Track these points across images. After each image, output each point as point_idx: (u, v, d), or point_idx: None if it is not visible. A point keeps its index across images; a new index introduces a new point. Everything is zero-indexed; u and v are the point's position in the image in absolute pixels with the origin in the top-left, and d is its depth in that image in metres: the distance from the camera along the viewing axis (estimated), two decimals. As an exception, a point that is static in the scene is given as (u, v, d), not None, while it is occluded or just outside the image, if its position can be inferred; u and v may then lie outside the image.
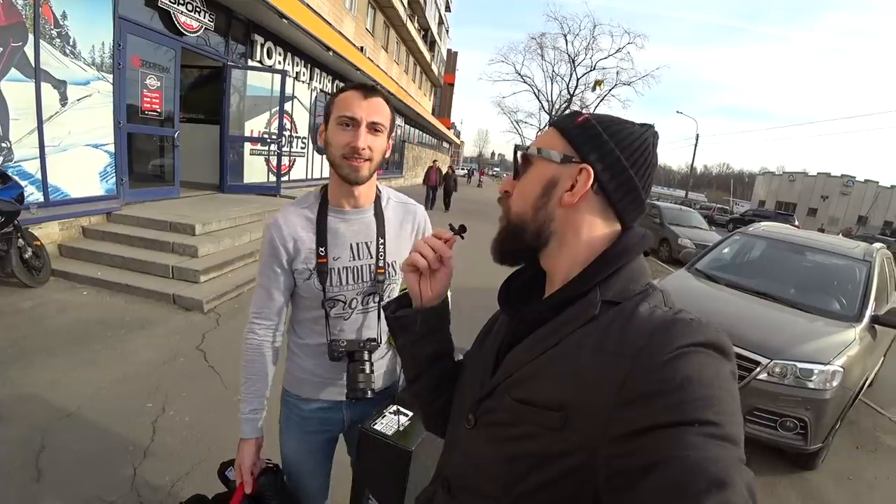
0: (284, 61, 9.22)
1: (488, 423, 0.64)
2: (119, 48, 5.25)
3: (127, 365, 3.04)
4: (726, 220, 28.04)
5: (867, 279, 3.65)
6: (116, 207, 5.31)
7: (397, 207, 1.27)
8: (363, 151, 1.08)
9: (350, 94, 1.09)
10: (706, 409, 0.45)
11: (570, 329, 0.59)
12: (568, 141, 0.65)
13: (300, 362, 1.25)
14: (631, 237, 0.64)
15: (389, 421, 1.16)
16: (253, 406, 1.19)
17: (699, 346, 0.49)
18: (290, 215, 1.17)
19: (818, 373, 2.77)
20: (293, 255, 1.15)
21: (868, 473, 3.12)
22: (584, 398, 0.53)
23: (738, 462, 0.43)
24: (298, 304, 1.23)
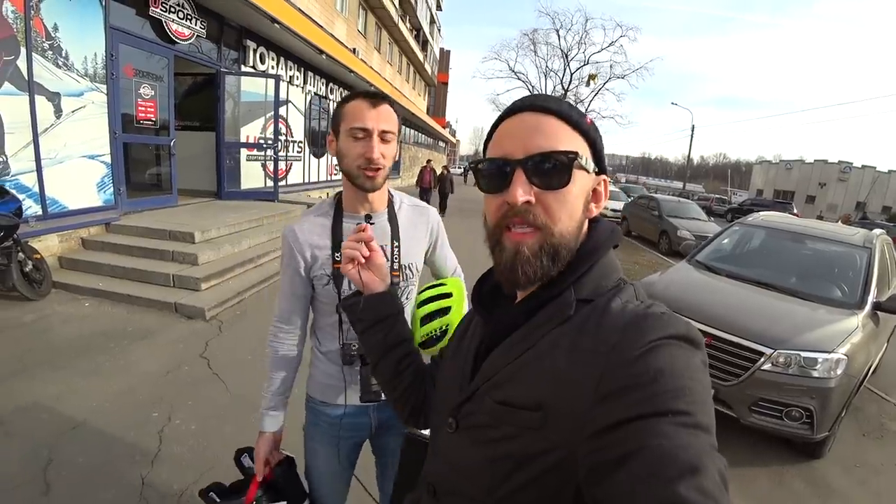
0: (277, 66, 9.21)
1: (469, 426, 0.64)
2: (112, 58, 5.24)
3: (131, 375, 3.04)
4: (724, 211, 28.05)
5: (868, 266, 3.65)
6: (115, 218, 5.31)
7: (410, 210, 1.28)
8: (378, 160, 1.09)
9: (358, 104, 1.10)
10: (678, 399, 0.46)
11: (546, 330, 0.59)
12: (590, 146, 0.62)
13: (324, 368, 1.27)
14: (600, 233, 0.64)
15: None
16: (272, 404, 1.25)
17: (670, 339, 0.50)
18: (305, 223, 1.20)
19: (822, 361, 2.77)
20: (311, 261, 1.18)
21: (874, 459, 3.13)
22: (562, 397, 0.53)
23: (711, 448, 0.44)
24: (318, 310, 1.25)
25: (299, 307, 1.23)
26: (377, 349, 0.84)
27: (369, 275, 0.84)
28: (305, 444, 1.34)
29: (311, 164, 11.65)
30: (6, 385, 2.78)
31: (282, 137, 9.07)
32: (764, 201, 28.90)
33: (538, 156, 0.58)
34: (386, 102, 1.12)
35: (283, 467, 1.27)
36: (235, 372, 3.21)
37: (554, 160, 0.58)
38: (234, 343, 3.67)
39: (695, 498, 0.39)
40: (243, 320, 4.16)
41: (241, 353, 3.51)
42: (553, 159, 0.58)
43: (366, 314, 0.84)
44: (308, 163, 11.46)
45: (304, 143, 11.00)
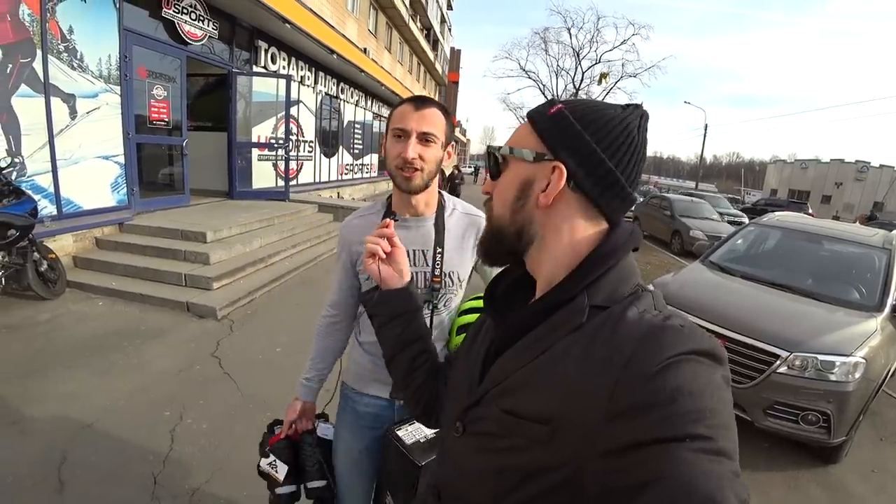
0: (289, 66, 9.26)
1: (476, 432, 0.63)
2: (125, 60, 5.30)
3: (143, 374, 3.07)
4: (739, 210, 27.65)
5: (888, 267, 3.57)
6: (128, 217, 5.37)
7: (461, 218, 1.29)
8: (414, 161, 1.11)
9: (404, 108, 1.13)
10: (698, 422, 0.43)
11: (558, 336, 0.57)
12: (540, 136, 0.61)
13: (359, 358, 1.32)
14: (617, 237, 0.60)
15: (417, 429, 1.15)
16: (309, 375, 1.35)
17: (690, 355, 0.47)
18: (356, 220, 1.29)
19: (840, 365, 2.72)
20: (355, 257, 1.24)
21: (893, 465, 3.05)
22: (572, 410, 0.51)
23: (732, 476, 0.42)
24: None
25: (345, 296, 1.32)
26: (392, 345, 0.85)
27: (388, 270, 0.85)
28: (335, 429, 1.39)
29: (321, 164, 11.70)
30: (21, 384, 2.82)
31: (293, 137, 9.12)
32: (778, 201, 28.40)
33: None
34: (433, 106, 1.14)
35: (311, 437, 1.35)
36: (246, 371, 3.22)
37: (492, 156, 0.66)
38: (245, 342, 3.69)
39: None
40: (254, 320, 4.18)
41: (252, 352, 3.53)
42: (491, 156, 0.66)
43: (381, 309, 0.85)
44: (319, 162, 11.51)
45: (314, 143, 11.05)
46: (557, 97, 24.90)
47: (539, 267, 0.64)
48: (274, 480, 1.29)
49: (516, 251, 0.64)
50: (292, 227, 6.78)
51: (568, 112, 0.59)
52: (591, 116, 0.58)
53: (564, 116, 0.59)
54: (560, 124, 0.59)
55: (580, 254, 0.60)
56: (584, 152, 0.58)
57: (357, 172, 14.45)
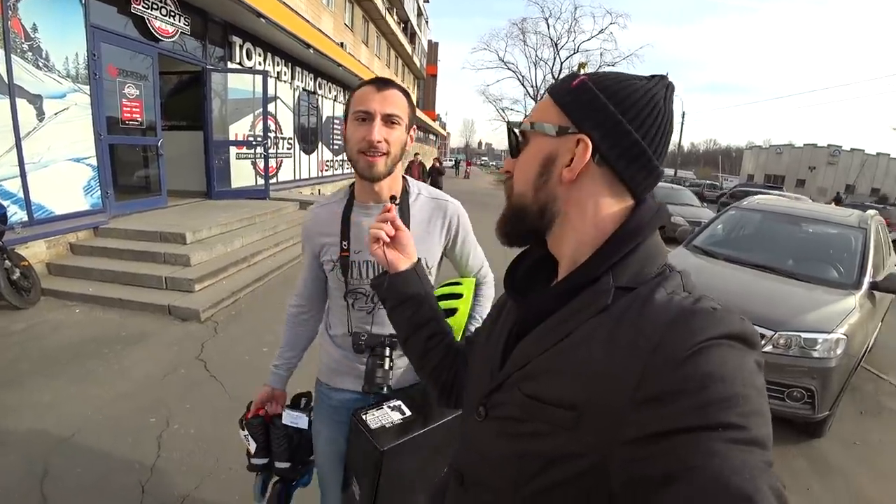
0: (265, 62, 9.08)
1: (498, 417, 0.61)
2: (94, 58, 5.12)
3: (126, 381, 2.99)
4: (716, 196, 28.18)
5: (864, 246, 3.67)
6: (103, 221, 5.21)
7: (427, 203, 1.25)
8: (379, 145, 1.07)
9: (365, 89, 1.09)
10: (730, 410, 0.41)
11: (582, 319, 0.54)
12: (562, 109, 0.59)
13: (330, 351, 1.30)
14: (643, 213, 0.58)
15: (383, 414, 1.13)
16: (277, 363, 1.36)
17: (721, 339, 0.45)
18: (319, 210, 1.25)
19: (822, 342, 2.78)
20: (319, 248, 1.22)
21: (874, 437, 3.15)
22: (598, 396, 0.49)
23: (765, 467, 0.40)
24: (330, 295, 1.29)
25: (312, 288, 1.31)
26: (404, 328, 0.84)
27: (394, 254, 0.84)
28: (313, 426, 1.36)
29: (301, 161, 11.53)
30: (-2, 395, 2.72)
31: (271, 134, 8.95)
32: (755, 186, 29.05)
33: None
34: (395, 88, 1.11)
35: (279, 421, 1.36)
36: (233, 373, 3.16)
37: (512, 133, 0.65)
38: (230, 344, 3.62)
39: None
40: (239, 320, 4.11)
41: (238, 353, 3.46)
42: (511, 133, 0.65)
43: (390, 293, 0.84)
44: (298, 159, 11.34)
45: (293, 140, 10.87)
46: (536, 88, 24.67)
47: (562, 246, 0.62)
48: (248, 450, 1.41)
49: (538, 230, 0.62)
50: (274, 225, 6.68)
51: (592, 84, 0.57)
52: (616, 87, 0.56)
53: (588, 88, 0.57)
54: (584, 96, 0.57)
55: (605, 232, 0.58)
56: (610, 124, 0.55)
57: (338, 169, 14.28)
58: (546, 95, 0.63)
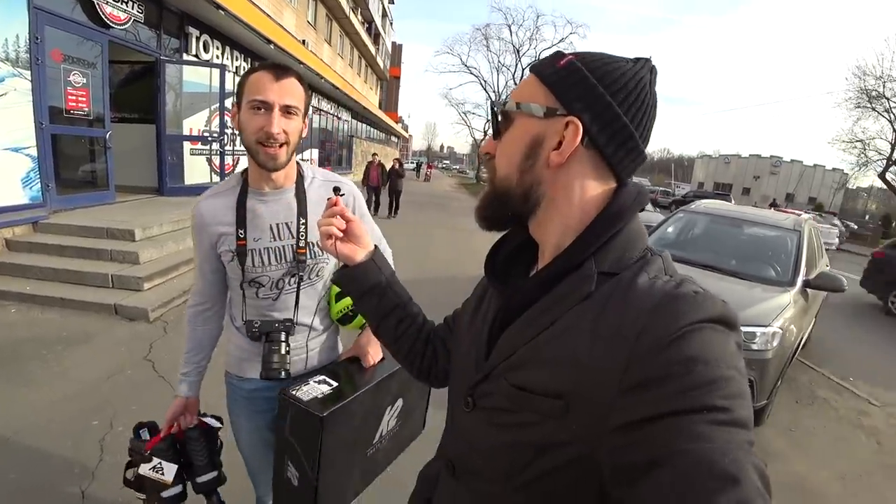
0: (223, 55, 8.81)
1: (487, 407, 0.61)
2: (36, 41, 4.81)
3: (68, 382, 2.83)
4: (668, 203, 29.41)
5: (798, 247, 3.93)
6: (43, 216, 4.90)
7: (323, 186, 1.25)
8: (278, 136, 1.06)
9: (260, 76, 1.06)
10: (713, 393, 0.42)
11: (565, 307, 0.54)
12: (550, 89, 0.56)
13: (237, 342, 1.28)
14: (626, 196, 0.57)
15: (311, 389, 1.14)
16: (186, 370, 1.29)
17: (704, 323, 0.46)
18: (211, 200, 1.19)
19: (760, 335, 2.96)
20: (215, 239, 1.17)
21: (808, 424, 3.39)
22: (584, 385, 0.49)
23: (748, 447, 0.41)
24: (230, 286, 1.26)
25: (212, 281, 1.25)
26: (372, 317, 0.83)
27: (349, 247, 0.80)
28: (230, 420, 1.35)
29: (261, 159, 11.21)
30: (-80, 399, 2.51)
31: (228, 131, 8.68)
32: (705, 193, 30.52)
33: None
34: (292, 76, 1.09)
35: (197, 431, 1.29)
36: (184, 373, 3.04)
37: (494, 113, 0.63)
38: (181, 344, 3.41)
39: None
40: (192, 320, 3.94)
41: (191, 353, 3.33)
42: (494, 113, 0.63)
43: (351, 287, 0.81)
44: (258, 157, 11.02)
45: (252, 137, 10.56)
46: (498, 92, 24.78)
47: (545, 231, 0.60)
48: (159, 484, 1.23)
49: (521, 214, 0.61)
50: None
51: (580, 64, 0.55)
52: (605, 69, 0.55)
53: (577, 69, 0.55)
54: (573, 77, 0.55)
55: (589, 216, 0.57)
56: (600, 106, 0.54)
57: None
58: (530, 74, 0.60)
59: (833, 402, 3.79)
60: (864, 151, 24.38)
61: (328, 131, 18.31)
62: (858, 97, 23.44)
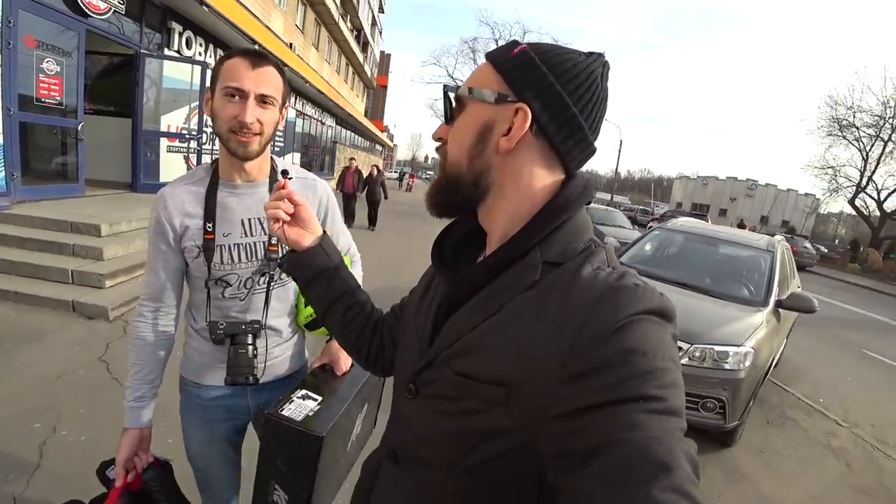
0: (206, 53, 8.66)
1: (430, 394, 0.61)
2: (9, 25, 4.63)
3: (12, 381, 2.65)
4: (647, 221, 29.96)
5: (771, 267, 3.98)
6: (6, 206, 4.69)
7: (296, 182, 1.18)
8: (252, 125, 1.00)
9: (237, 62, 1.00)
10: (649, 383, 0.44)
11: (510, 295, 0.55)
12: (502, 76, 0.57)
13: (197, 346, 1.17)
14: (573, 188, 0.58)
15: (298, 406, 1.06)
16: (138, 393, 1.10)
17: (643, 314, 0.47)
18: (177, 190, 1.09)
19: (733, 354, 2.96)
20: (180, 231, 1.08)
21: (778, 444, 3.39)
22: (526, 373, 0.50)
23: (680, 435, 0.43)
24: (193, 286, 1.16)
25: (171, 282, 1.12)
26: (320, 304, 0.81)
27: (296, 231, 0.78)
28: (183, 428, 1.23)
29: (241, 160, 11.01)
30: None
31: (208, 129, 8.51)
32: (683, 213, 31.17)
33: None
34: (270, 64, 1.03)
35: (155, 471, 1.12)
36: (141, 376, 2.89)
37: (448, 98, 0.62)
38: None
39: (670, 499, 0.37)
40: (155, 320, 3.77)
41: (150, 355, 3.17)
42: (447, 97, 0.62)
43: (298, 272, 0.79)
44: (238, 158, 10.83)
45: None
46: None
47: (493, 219, 0.61)
48: None
49: (471, 200, 0.61)
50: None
51: (533, 53, 0.56)
52: (557, 59, 0.56)
53: (530, 58, 0.56)
54: (525, 65, 0.56)
55: (537, 204, 0.58)
56: (550, 95, 0.55)
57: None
58: (486, 61, 0.61)
59: (803, 423, 3.82)
60: (835, 178, 25.31)
61: (312, 136, 18.16)
62: (830, 125, 24.42)
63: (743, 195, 51.12)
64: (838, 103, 23.90)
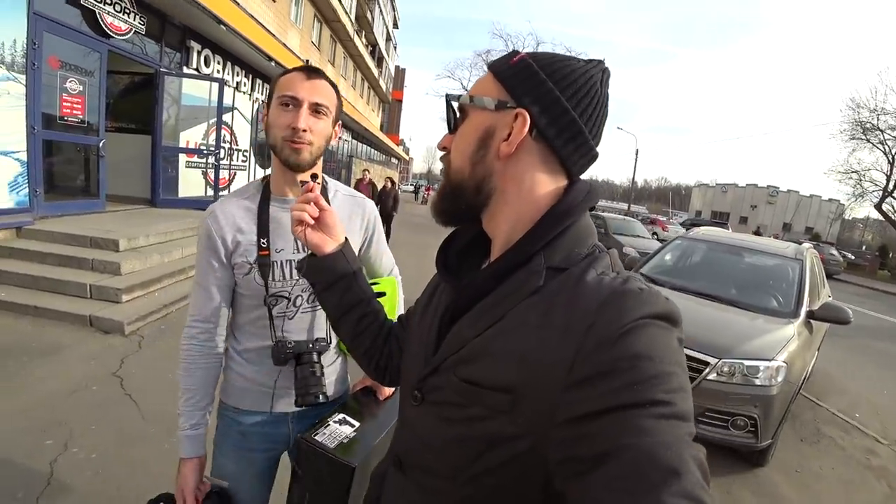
0: (224, 70, 8.83)
1: (435, 401, 0.61)
2: (34, 47, 4.77)
3: (27, 396, 2.65)
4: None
5: (801, 276, 3.81)
6: (28, 221, 4.78)
7: (346, 200, 1.18)
8: (304, 133, 1.00)
9: (293, 75, 1.03)
10: (657, 387, 0.43)
11: (515, 301, 0.55)
12: (503, 84, 0.58)
13: (240, 370, 1.13)
14: (576, 193, 0.58)
15: (333, 431, 1.03)
16: (193, 420, 1.07)
17: (648, 319, 0.47)
18: (228, 205, 1.08)
19: (764, 369, 2.81)
20: (232, 247, 1.06)
21: (814, 465, 3.20)
22: (532, 379, 0.50)
23: (688, 439, 0.42)
24: (239, 305, 1.13)
25: (223, 300, 1.09)
26: (334, 310, 0.81)
27: (319, 236, 0.79)
28: (214, 456, 1.16)
29: (256, 174, 11.18)
30: None
31: (225, 145, 8.65)
32: (702, 221, 30.62)
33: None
34: (324, 78, 1.05)
35: (213, 501, 1.09)
36: (152, 392, 2.87)
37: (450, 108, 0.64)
38: (154, 360, 3.31)
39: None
40: (168, 335, 3.78)
41: (161, 370, 3.16)
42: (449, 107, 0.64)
43: (317, 276, 0.80)
44: (253, 173, 10.99)
45: (249, 153, 10.56)
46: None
47: (497, 224, 0.61)
48: None
49: (474, 207, 0.62)
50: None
51: (532, 60, 0.58)
52: (555, 66, 0.57)
53: (528, 65, 0.57)
54: (523, 72, 0.57)
55: (540, 209, 0.58)
56: (548, 100, 0.56)
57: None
58: (487, 72, 0.62)
59: (840, 441, 3.61)
60: (860, 182, 24.61)
61: (328, 150, 18.35)
62: (853, 129, 23.81)
63: (764, 202, 50.11)
64: (861, 106, 23.31)
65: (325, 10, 16.01)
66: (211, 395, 1.11)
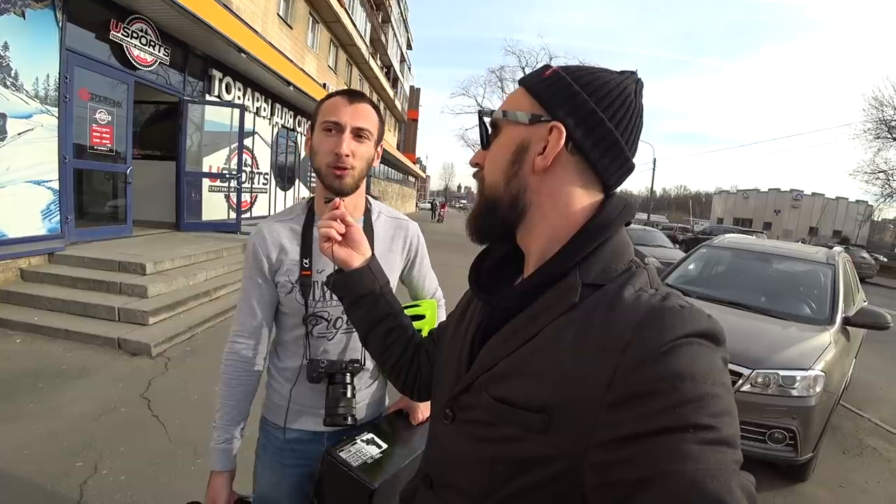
0: (244, 96, 9.09)
1: (467, 420, 0.59)
2: (66, 81, 5.00)
3: (57, 419, 2.70)
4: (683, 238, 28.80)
5: (834, 282, 3.68)
6: (60, 247, 4.95)
7: (388, 222, 1.20)
8: (347, 158, 1.01)
9: (336, 100, 1.04)
10: (701, 410, 0.41)
11: (549, 318, 0.53)
12: (536, 98, 0.58)
13: (279, 388, 1.15)
14: (612, 207, 0.57)
15: (360, 450, 1.02)
16: (228, 435, 1.09)
17: (691, 337, 0.45)
18: (274, 225, 1.12)
19: (801, 379, 2.70)
20: (276, 266, 1.09)
21: (859, 478, 3.03)
22: (568, 399, 0.48)
23: (735, 467, 0.40)
24: (281, 323, 1.16)
25: (264, 316, 1.11)
26: (362, 325, 0.81)
27: (346, 251, 0.80)
28: (255, 466, 1.19)
29: (277, 197, 11.39)
30: None
31: (247, 169, 8.86)
32: (721, 228, 29.93)
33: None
34: (367, 102, 1.06)
35: None
36: (179, 414, 2.89)
37: (483, 124, 0.63)
38: (180, 382, 3.35)
39: None
40: (194, 357, 3.83)
41: (188, 392, 3.19)
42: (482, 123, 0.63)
43: (344, 291, 0.80)
44: (274, 195, 11.21)
45: (270, 176, 10.78)
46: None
47: (532, 240, 0.60)
48: None
49: (510, 222, 0.61)
50: (241, 259, 6.45)
51: (565, 73, 0.57)
52: (588, 78, 0.56)
53: (561, 77, 0.57)
54: (556, 85, 0.57)
55: (575, 225, 0.57)
56: (584, 112, 0.55)
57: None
58: (519, 87, 0.61)
59: (885, 452, 3.42)
60: (888, 182, 23.83)
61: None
62: (877, 128, 23.15)
63: (788, 207, 48.92)
64: (884, 104, 22.72)
65: (341, 35, 16.44)
66: (246, 411, 1.12)
